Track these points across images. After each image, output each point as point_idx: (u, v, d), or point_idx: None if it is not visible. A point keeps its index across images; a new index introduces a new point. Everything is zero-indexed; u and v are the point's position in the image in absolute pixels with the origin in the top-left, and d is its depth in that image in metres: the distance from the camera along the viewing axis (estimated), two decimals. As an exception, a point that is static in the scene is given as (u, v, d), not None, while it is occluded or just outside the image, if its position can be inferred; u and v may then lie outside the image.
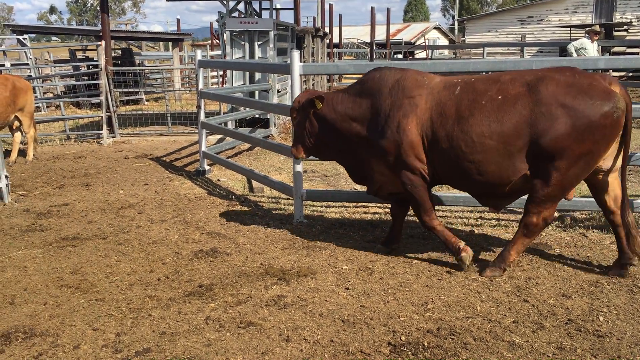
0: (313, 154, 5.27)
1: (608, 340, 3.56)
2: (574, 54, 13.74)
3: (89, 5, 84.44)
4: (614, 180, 4.43)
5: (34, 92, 15.61)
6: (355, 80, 5.20)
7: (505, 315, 3.89)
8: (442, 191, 7.22)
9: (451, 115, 4.35)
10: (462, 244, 4.63)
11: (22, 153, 9.86)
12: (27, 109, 9.41)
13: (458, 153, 4.34)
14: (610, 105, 4.02)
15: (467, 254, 4.59)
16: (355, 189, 7.42)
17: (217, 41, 22.51)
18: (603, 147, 4.14)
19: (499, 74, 4.48)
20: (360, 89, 4.85)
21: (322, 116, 4.95)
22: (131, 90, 15.37)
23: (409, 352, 3.47)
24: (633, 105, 4.30)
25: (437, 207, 6.39)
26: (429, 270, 4.70)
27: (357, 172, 5.06)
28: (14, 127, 9.55)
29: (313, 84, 18.37)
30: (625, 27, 27.73)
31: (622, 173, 4.33)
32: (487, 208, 6.23)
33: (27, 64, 16.71)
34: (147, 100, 19.71)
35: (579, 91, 4.08)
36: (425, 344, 3.55)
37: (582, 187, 7.19)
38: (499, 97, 4.25)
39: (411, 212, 5.09)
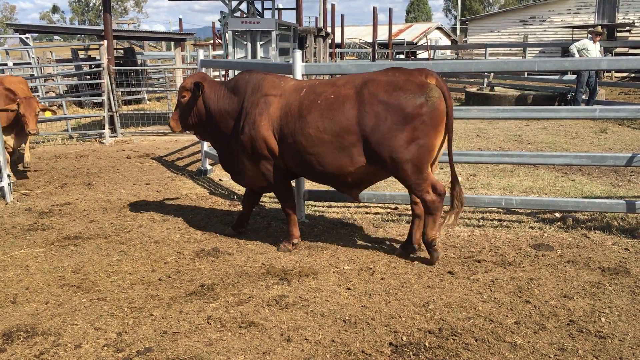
0: (191, 130, 5.71)
1: (610, 341, 3.56)
2: (576, 55, 13.74)
3: (91, 4, 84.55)
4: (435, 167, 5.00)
5: (36, 91, 15.61)
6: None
7: (507, 316, 3.89)
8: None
9: (295, 114, 4.91)
10: (297, 239, 5.30)
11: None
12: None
13: (300, 147, 4.89)
14: (423, 96, 4.56)
15: (293, 246, 5.26)
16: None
17: (220, 41, 22.52)
18: (431, 131, 4.62)
19: (338, 78, 5.09)
20: (234, 87, 5.37)
21: (206, 101, 5.45)
22: (133, 89, 15.38)
23: (411, 353, 3.47)
24: (635, 106, 4.31)
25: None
26: (430, 271, 4.70)
27: (227, 161, 5.55)
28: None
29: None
30: (627, 28, 27.71)
31: (449, 154, 4.86)
32: (489, 209, 6.23)
33: (30, 63, 16.72)
34: (149, 100, 19.73)
35: (395, 88, 4.62)
36: (427, 344, 3.55)
37: (584, 187, 7.20)
38: (332, 97, 4.81)
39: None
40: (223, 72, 15.17)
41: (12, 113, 7.60)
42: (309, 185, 6.35)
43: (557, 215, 6.06)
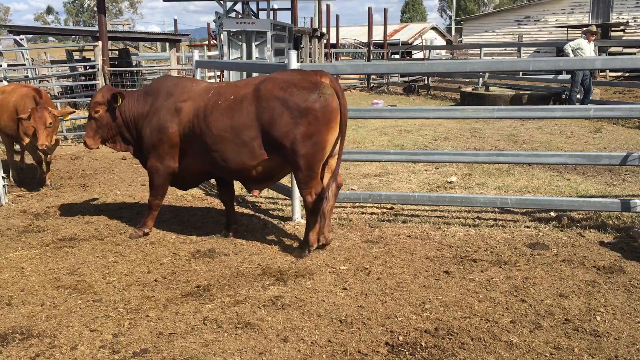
0: (108, 143, 5.82)
1: (605, 340, 3.57)
2: (571, 54, 13.78)
3: (85, 5, 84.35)
4: (333, 162, 5.16)
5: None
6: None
7: (503, 315, 3.90)
8: (440, 191, 7.23)
9: (202, 115, 5.17)
10: (149, 230, 5.70)
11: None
12: None
13: (205, 146, 5.16)
14: (316, 93, 4.82)
15: (143, 235, 5.65)
16: (352, 189, 7.42)
17: (215, 42, 22.50)
18: (323, 127, 4.85)
19: (242, 79, 5.39)
20: (149, 93, 5.59)
21: (123, 112, 5.61)
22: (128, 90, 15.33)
23: (407, 352, 3.47)
24: (630, 105, 4.33)
25: (434, 208, 6.41)
26: (426, 271, 4.71)
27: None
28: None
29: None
30: (621, 27, 27.81)
31: (339, 151, 5.03)
32: (485, 208, 6.24)
33: (24, 65, 16.67)
34: (144, 101, 19.64)
35: (290, 85, 4.88)
36: (423, 344, 3.55)
37: (579, 187, 7.22)
38: (232, 97, 5.10)
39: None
40: (218, 73, 15.15)
41: (26, 122, 7.03)
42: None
43: (553, 214, 6.08)
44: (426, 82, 21.78)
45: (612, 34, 27.74)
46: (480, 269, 4.70)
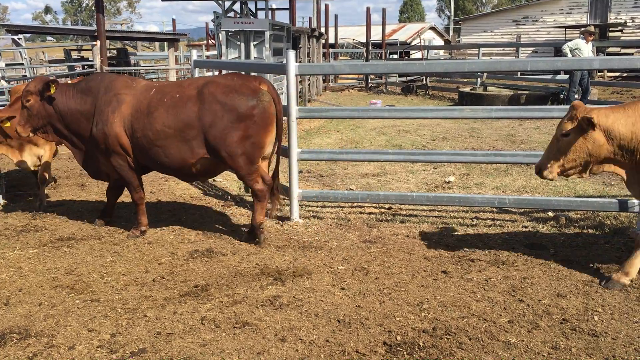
0: (39, 132, 5.84)
1: (603, 339, 3.57)
2: (569, 55, 13.79)
3: (84, 5, 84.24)
4: (264, 163, 5.57)
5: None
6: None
7: (501, 315, 3.90)
8: (438, 191, 7.24)
9: (144, 111, 5.36)
10: (145, 227, 5.78)
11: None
12: None
13: (148, 141, 5.35)
14: (255, 99, 5.19)
15: (141, 233, 5.73)
16: (351, 189, 7.42)
17: (213, 41, 22.49)
18: (261, 130, 5.26)
19: (185, 80, 5.68)
20: (86, 88, 5.66)
21: (56, 103, 5.65)
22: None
23: (405, 352, 3.47)
24: None
25: (432, 208, 6.42)
26: (424, 270, 4.71)
27: (84, 159, 5.91)
28: None
29: (309, 84, 18.38)
30: (619, 27, 27.85)
31: (277, 152, 5.50)
32: (483, 208, 6.25)
33: (22, 64, 16.66)
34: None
35: (231, 90, 5.21)
36: (421, 343, 3.55)
37: (577, 187, 7.23)
38: (177, 96, 5.33)
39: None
40: (217, 72, 15.15)
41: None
42: (302, 185, 6.36)
43: (550, 214, 6.09)
44: (424, 82, 21.79)
45: (610, 34, 27.78)
46: (478, 269, 4.70)
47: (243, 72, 5.90)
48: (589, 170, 4.32)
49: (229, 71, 5.99)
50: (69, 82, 6.07)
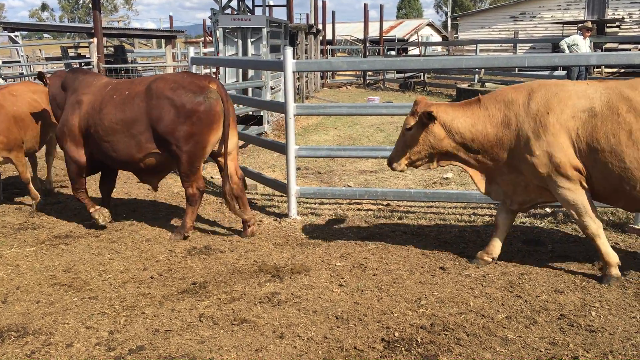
0: None
1: (600, 335, 3.58)
2: (566, 51, 13.79)
3: (80, 2, 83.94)
4: (230, 162, 5.53)
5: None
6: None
7: (498, 311, 3.91)
8: (436, 188, 7.24)
9: (97, 108, 5.57)
10: (95, 207, 5.90)
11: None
12: None
13: (99, 137, 5.56)
14: (202, 96, 5.26)
15: (101, 214, 5.85)
16: (349, 185, 7.42)
17: (210, 38, 22.43)
18: (205, 128, 5.30)
19: (136, 78, 5.90)
20: (62, 86, 6.00)
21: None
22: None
23: (403, 348, 3.48)
24: None
25: (430, 204, 6.43)
26: (422, 267, 4.71)
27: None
28: None
29: (306, 81, 18.36)
30: (617, 23, 27.83)
31: (224, 152, 5.41)
32: (480, 205, 6.25)
33: (19, 62, 16.61)
34: (139, 98, 19.58)
35: (179, 86, 5.31)
36: (419, 339, 3.56)
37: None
38: (126, 93, 5.50)
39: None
40: (214, 70, 15.13)
41: None
42: (300, 182, 6.36)
43: (548, 210, 6.09)
44: (422, 78, 21.78)
45: (608, 30, 27.76)
46: (475, 265, 4.70)
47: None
48: (435, 161, 4.66)
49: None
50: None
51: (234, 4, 14.46)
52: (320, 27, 24.17)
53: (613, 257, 4.32)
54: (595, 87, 4.20)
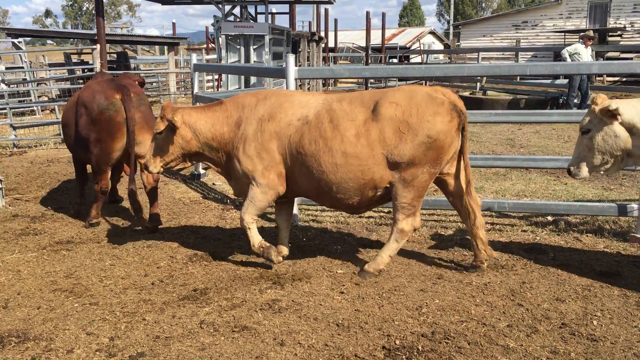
0: None
1: (602, 344, 3.57)
2: (568, 59, 13.82)
3: (84, 9, 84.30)
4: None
5: (29, 95, 15.48)
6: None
7: (500, 319, 3.90)
8: (436, 195, 7.24)
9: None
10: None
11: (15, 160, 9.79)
12: None
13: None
14: (106, 105, 5.76)
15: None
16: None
17: (213, 45, 22.51)
18: (107, 136, 5.80)
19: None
20: None
21: None
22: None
23: (404, 356, 3.47)
24: None
25: (431, 212, 6.42)
26: (423, 275, 4.71)
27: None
28: None
29: (309, 88, 18.40)
30: (619, 32, 27.89)
31: (132, 157, 5.80)
32: (482, 212, 6.24)
33: (22, 68, 16.66)
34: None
35: (93, 93, 5.89)
36: (420, 348, 3.55)
37: (576, 191, 7.23)
38: (73, 99, 6.22)
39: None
40: (217, 76, 15.17)
41: None
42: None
43: (550, 218, 6.09)
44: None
45: (610, 39, 27.81)
46: (477, 273, 4.70)
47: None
48: (188, 161, 5.04)
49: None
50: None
51: (236, 11, 14.52)
52: (322, 34, 24.22)
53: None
54: (317, 98, 4.70)
